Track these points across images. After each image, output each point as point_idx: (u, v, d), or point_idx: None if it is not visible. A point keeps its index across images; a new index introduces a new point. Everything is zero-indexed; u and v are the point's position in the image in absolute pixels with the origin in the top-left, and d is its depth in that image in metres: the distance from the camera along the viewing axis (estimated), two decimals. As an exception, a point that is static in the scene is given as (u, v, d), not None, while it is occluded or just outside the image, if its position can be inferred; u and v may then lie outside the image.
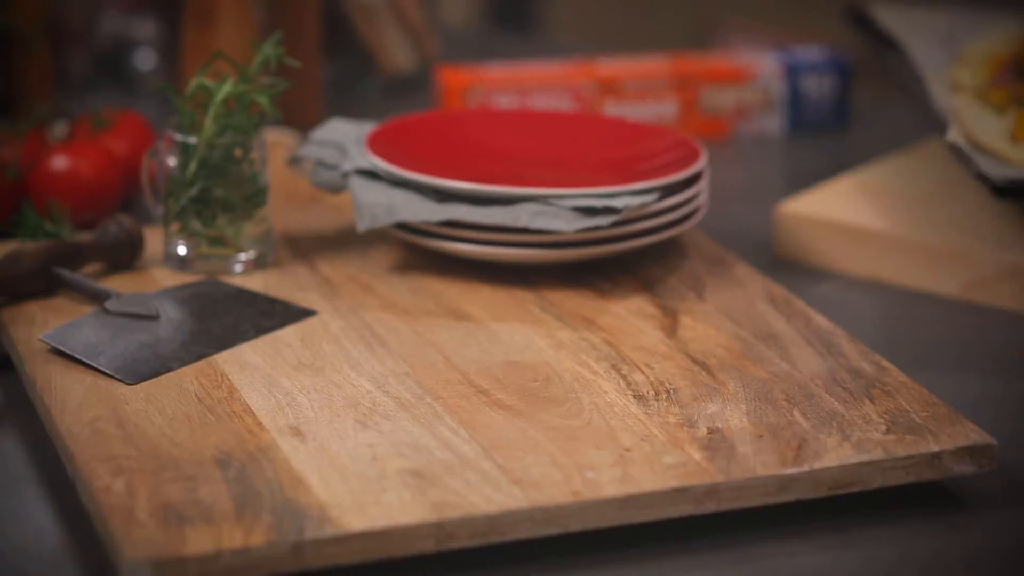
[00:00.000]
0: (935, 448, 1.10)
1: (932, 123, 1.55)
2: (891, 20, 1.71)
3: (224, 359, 1.23)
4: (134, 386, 1.18)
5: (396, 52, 2.03)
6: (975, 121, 1.48)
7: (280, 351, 1.24)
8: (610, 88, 1.86)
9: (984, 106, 1.51)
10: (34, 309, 1.30)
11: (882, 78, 1.86)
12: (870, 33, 1.75)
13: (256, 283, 1.36)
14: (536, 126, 1.55)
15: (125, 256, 1.37)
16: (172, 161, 1.37)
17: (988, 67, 1.60)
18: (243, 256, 1.39)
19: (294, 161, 1.47)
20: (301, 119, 1.73)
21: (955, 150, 1.41)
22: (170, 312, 1.28)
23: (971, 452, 1.10)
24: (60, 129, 1.57)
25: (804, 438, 1.11)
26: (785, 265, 1.49)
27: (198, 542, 0.98)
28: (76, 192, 1.48)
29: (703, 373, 1.20)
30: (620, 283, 1.36)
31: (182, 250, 1.38)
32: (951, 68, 1.62)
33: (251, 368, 1.21)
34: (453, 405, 1.15)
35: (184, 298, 1.31)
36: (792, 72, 1.89)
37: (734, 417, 1.14)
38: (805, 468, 1.07)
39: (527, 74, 1.87)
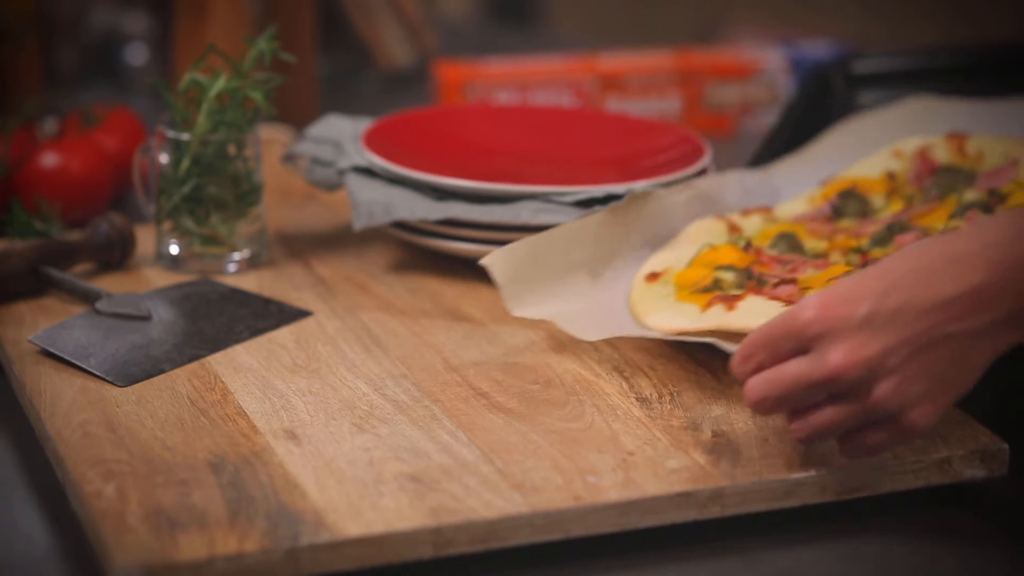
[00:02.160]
0: (945, 452, 1.09)
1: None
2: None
3: (217, 361, 1.22)
4: (125, 388, 1.18)
5: (393, 47, 2.03)
6: (677, 245, 1.29)
7: (275, 352, 1.24)
8: (612, 83, 1.86)
9: (734, 238, 1.30)
10: (23, 309, 1.30)
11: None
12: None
13: (250, 283, 1.36)
14: (536, 122, 1.55)
15: (116, 255, 1.37)
16: (164, 158, 1.37)
17: (826, 194, 1.37)
18: (237, 255, 1.38)
19: (289, 158, 1.47)
20: (296, 115, 1.73)
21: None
22: (162, 313, 1.28)
23: (982, 456, 1.10)
24: (50, 125, 1.57)
25: (811, 441, 1.11)
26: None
27: (191, 548, 0.98)
28: (66, 190, 1.48)
29: (707, 375, 1.20)
30: (622, 283, 1.36)
31: (174, 249, 1.38)
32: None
33: (245, 370, 1.21)
34: (452, 408, 1.15)
35: (176, 298, 1.31)
36: (798, 67, 1.89)
37: (739, 420, 1.13)
38: (812, 472, 1.07)
39: (527, 69, 1.87)
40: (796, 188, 1.40)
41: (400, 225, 1.38)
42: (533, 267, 1.24)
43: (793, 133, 1.51)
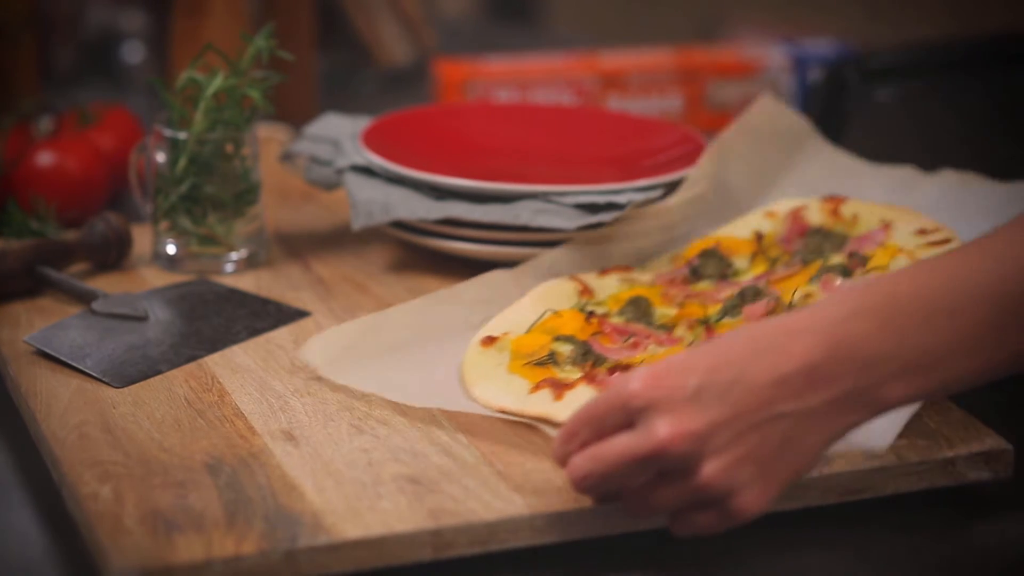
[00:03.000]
0: (949, 453, 1.09)
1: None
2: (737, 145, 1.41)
3: (215, 361, 1.22)
4: (122, 389, 1.17)
5: (392, 44, 2.02)
6: (521, 306, 1.24)
7: (273, 353, 1.24)
8: (613, 82, 1.86)
9: (582, 303, 1.24)
10: (19, 310, 1.30)
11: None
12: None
13: (248, 283, 1.36)
14: (537, 121, 1.54)
15: (112, 255, 1.37)
16: (161, 157, 1.36)
17: (687, 254, 1.31)
18: (234, 255, 1.38)
19: (287, 157, 1.47)
20: (294, 114, 1.72)
21: None
22: (159, 313, 1.28)
23: (986, 458, 1.10)
24: (46, 124, 1.57)
25: (813, 443, 1.10)
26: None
27: (188, 550, 0.98)
28: (62, 189, 1.48)
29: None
30: (623, 283, 1.36)
31: (171, 249, 1.38)
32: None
33: (243, 371, 1.21)
34: (451, 409, 1.15)
35: (173, 298, 1.30)
36: (801, 65, 1.89)
37: (741, 421, 1.13)
38: (815, 474, 1.07)
39: (527, 67, 1.87)
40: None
41: (399, 225, 1.38)
42: (355, 350, 1.19)
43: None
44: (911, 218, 1.27)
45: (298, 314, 1.30)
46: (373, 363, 1.18)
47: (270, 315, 1.30)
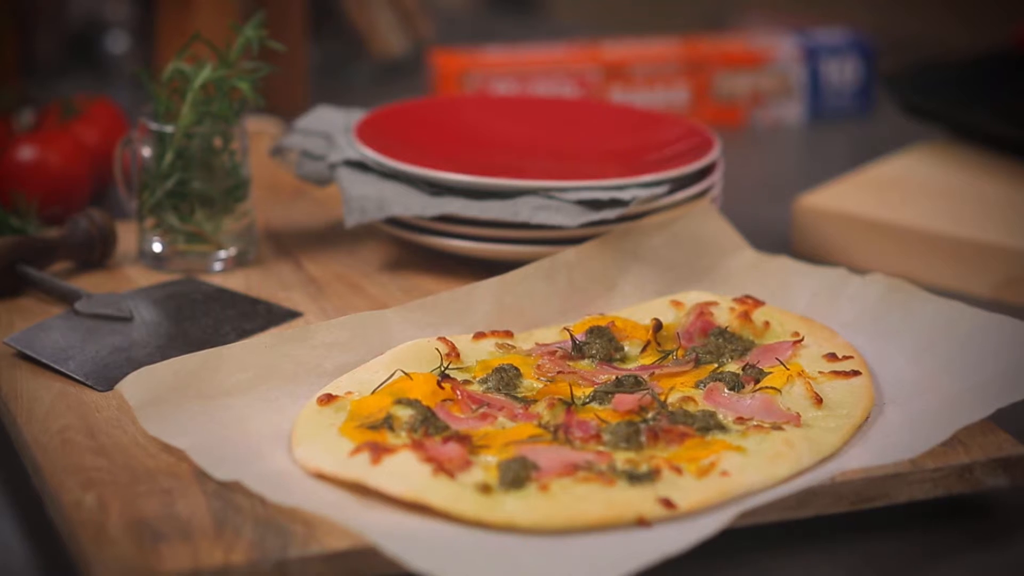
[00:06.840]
0: (966, 459, 1.09)
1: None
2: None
3: (202, 364, 1.22)
4: (106, 393, 1.17)
5: (387, 34, 2.03)
6: (376, 365, 1.17)
7: (263, 355, 1.24)
8: (617, 73, 1.86)
9: (442, 366, 1.18)
10: (-1, 310, 1.30)
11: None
12: None
13: (237, 282, 1.36)
14: (537, 114, 1.55)
15: (96, 253, 1.37)
16: (147, 151, 1.36)
17: (577, 328, 1.24)
18: (223, 253, 1.38)
19: (278, 151, 1.47)
20: (285, 106, 1.73)
21: None
22: (144, 314, 1.28)
23: (1004, 464, 1.10)
24: (27, 117, 1.57)
25: (825, 449, 1.11)
26: (804, 261, 1.48)
27: (174, 560, 0.98)
28: (44, 184, 1.48)
29: (716, 379, 1.20)
30: (627, 282, 1.36)
31: (158, 247, 1.38)
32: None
33: (231, 373, 1.21)
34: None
35: (159, 298, 1.31)
36: (812, 56, 1.89)
37: (753, 427, 1.13)
38: (826, 482, 1.07)
39: (527, 58, 1.87)
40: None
41: (394, 222, 1.38)
42: (183, 391, 1.13)
43: None
44: (824, 337, 1.22)
45: (289, 315, 1.30)
46: (199, 408, 1.12)
47: (260, 316, 1.30)
